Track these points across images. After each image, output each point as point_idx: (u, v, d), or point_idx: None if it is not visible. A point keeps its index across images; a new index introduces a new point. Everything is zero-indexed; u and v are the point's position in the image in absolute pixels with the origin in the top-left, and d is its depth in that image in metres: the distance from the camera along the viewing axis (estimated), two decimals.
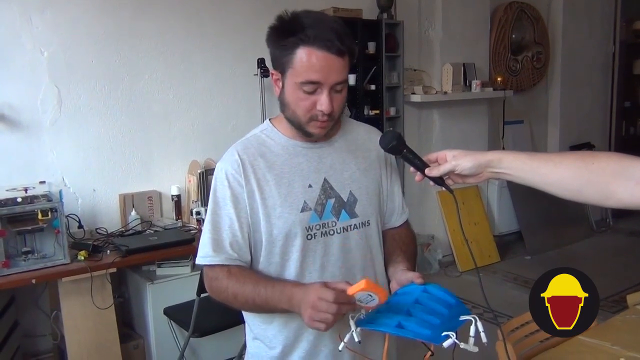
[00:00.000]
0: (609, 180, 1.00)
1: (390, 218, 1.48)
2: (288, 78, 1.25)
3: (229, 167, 1.32)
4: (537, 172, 1.08)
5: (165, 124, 3.42)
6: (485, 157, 1.12)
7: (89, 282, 2.63)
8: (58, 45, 3.04)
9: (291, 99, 1.27)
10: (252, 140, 1.37)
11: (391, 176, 1.46)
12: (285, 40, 1.23)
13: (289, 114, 1.30)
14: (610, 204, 1.02)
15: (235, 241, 1.31)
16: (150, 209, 3.34)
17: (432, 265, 4.54)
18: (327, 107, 1.24)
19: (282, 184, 1.31)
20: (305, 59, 1.20)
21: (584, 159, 1.05)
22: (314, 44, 1.20)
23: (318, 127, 1.29)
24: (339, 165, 1.37)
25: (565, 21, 5.50)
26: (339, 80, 1.24)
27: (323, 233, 1.33)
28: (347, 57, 1.25)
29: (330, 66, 1.21)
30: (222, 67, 3.60)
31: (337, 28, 1.23)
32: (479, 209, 4.88)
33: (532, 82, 5.39)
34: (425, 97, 4.36)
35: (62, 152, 3.09)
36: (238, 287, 1.27)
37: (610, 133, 6.23)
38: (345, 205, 1.35)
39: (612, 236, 5.61)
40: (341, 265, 1.35)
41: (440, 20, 4.52)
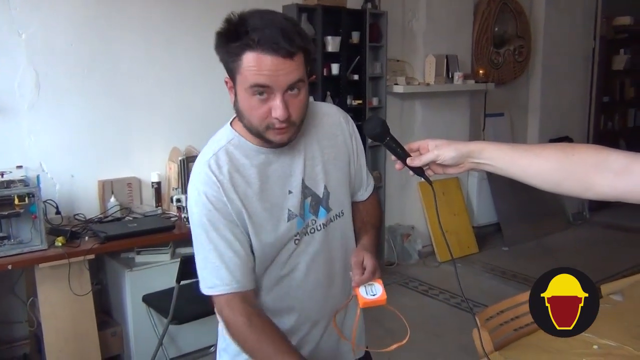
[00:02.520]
0: (588, 171, 1.01)
1: (357, 194, 1.46)
2: (238, 85, 1.18)
3: (208, 190, 1.23)
4: (518, 163, 1.09)
5: (146, 110, 3.38)
6: (467, 147, 1.12)
7: (67, 268, 2.60)
8: (37, 27, 2.98)
9: (245, 107, 1.19)
10: (223, 157, 1.27)
11: (357, 153, 1.42)
12: (230, 46, 1.15)
13: (246, 123, 1.22)
14: (590, 195, 1.03)
15: (242, 264, 1.24)
16: (129, 195, 3.30)
17: (412, 255, 4.58)
18: (282, 114, 1.15)
19: (263, 198, 1.27)
20: (251, 64, 1.12)
21: (564, 150, 1.06)
22: (259, 47, 1.11)
23: (277, 135, 1.20)
24: (310, 160, 1.33)
25: (547, 15, 5.55)
26: (291, 82, 1.15)
27: (306, 233, 1.32)
28: (300, 57, 1.16)
29: (279, 69, 1.13)
30: (206, 51, 3.48)
31: (285, 27, 1.14)
32: (459, 200, 4.93)
33: (513, 75, 5.43)
34: (407, 88, 4.37)
35: (40, 137, 3.04)
36: (257, 347, 1.20)
37: (588, 127, 6.32)
38: (321, 201, 1.33)
39: (588, 228, 5.71)
40: (324, 259, 1.35)
41: (424, 12, 4.52)
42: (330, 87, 3.99)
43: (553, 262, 4.61)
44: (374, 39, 4.12)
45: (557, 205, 5.61)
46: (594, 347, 1.57)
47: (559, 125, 5.88)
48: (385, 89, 4.26)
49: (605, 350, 1.55)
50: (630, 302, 1.88)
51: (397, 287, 4.15)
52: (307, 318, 1.37)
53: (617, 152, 1.01)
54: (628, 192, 0.98)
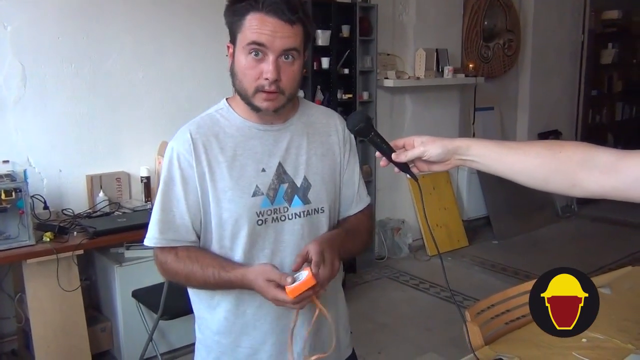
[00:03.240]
0: (575, 169, 1.01)
1: (347, 206, 1.45)
2: (238, 45, 1.24)
3: (180, 147, 1.29)
4: (504, 160, 1.08)
5: (134, 104, 3.35)
6: (454, 144, 1.11)
7: (55, 264, 2.58)
8: (23, 19, 2.94)
9: (239, 68, 1.24)
10: (206, 120, 1.33)
11: (349, 162, 1.43)
12: (236, 6, 1.24)
13: (238, 86, 1.27)
14: (576, 192, 1.03)
15: (182, 223, 1.29)
16: (118, 190, 3.28)
17: (402, 249, 4.59)
18: (272, 74, 1.20)
19: (234, 167, 1.28)
20: (253, 23, 1.20)
21: (551, 147, 1.06)
22: (263, 9, 1.19)
23: (265, 100, 1.24)
24: (294, 149, 1.34)
25: (536, 9, 5.56)
26: (287, 47, 1.21)
27: (274, 219, 1.30)
28: (300, 28, 1.22)
29: (277, 31, 1.19)
30: (194, 46, 3.53)
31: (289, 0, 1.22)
32: (449, 194, 4.94)
33: (503, 70, 5.45)
34: (398, 82, 4.37)
35: (27, 131, 3.01)
36: (188, 271, 1.27)
37: (577, 121, 6.35)
38: (298, 190, 1.32)
39: (577, 222, 5.75)
40: (291, 252, 1.32)
41: (414, 6, 4.52)
42: (320, 81, 3.98)
43: (542, 255, 4.65)
44: (364, 33, 4.11)
45: (546, 198, 5.65)
46: (582, 340, 1.57)
47: (548, 118, 5.92)
48: (375, 83, 4.26)
49: (594, 343, 1.56)
50: (618, 296, 1.89)
51: (387, 281, 4.16)
52: (264, 323, 1.35)
53: (604, 149, 1.01)
54: (615, 189, 0.98)
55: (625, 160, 0.96)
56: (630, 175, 0.95)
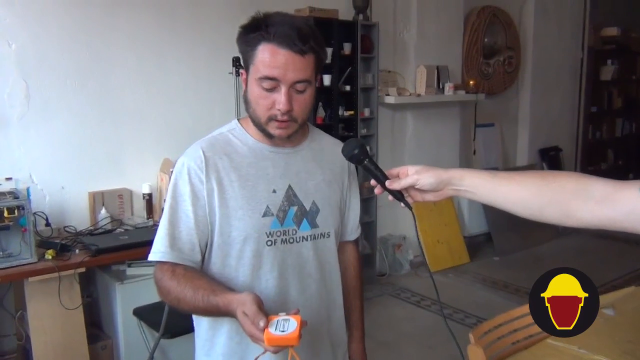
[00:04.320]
0: (569, 199, 1.01)
1: (346, 230, 1.49)
2: (250, 75, 1.26)
3: (192, 163, 1.29)
4: (498, 191, 1.09)
5: (137, 121, 3.36)
6: (448, 174, 1.11)
7: (57, 282, 2.57)
8: (27, 37, 2.96)
9: (252, 97, 1.26)
10: (219, 139, 1.34)
11: (351, 189, 1.47)
12: (249, 36, 1.24)
13: (251, 113, 1.29)
14: (571, 223, 1.03)
15: (189, 240, 1.28)
16: (120, 207, 3.28)
17: (403, 265, 4.58)
18: (285, 105, 1.22)
19: (246, 186, 1.29)
20: (265, 55, 1.21)
21: (544, 178, 1.06)
22: (275, 40, 1.20)
23: (278, 128, 1.26)
24: (304, 173, 1.36)
25: (536, 27, 5.61)
26: (299, 79, 1.22)
27: (283, 240, 1.31)
28: (311, 58, 1.24)
29: (289, 63, 1.20)
30: (197, 64, 3.55)
31: (302, 28, 1.23)
32: (450, 210, 4.94)
33: (503, 86, 5.47)
34: (399, 99, 4.39)
35: (30, 148, 3.02)
36: (179, 291, 1.22)
37: (577, 137, 6.38)
38: (307, 214, 1.34)
39: (577, 238, 5.74)
40: (297, 276, 1.33)
41: (415, 23, 4.55)
42: (322, 98, 3.99)
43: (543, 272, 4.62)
44: (365, 50, 4.14)
45: None
46: None
47: (548, 135, 5.94)
48: (376, 100, 4.28)
49: None
50: (622, 317, 1.89)
51: (389, 298, 4.15)
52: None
53: (598, 179, 1.01)
54: (610, 220, 0.98)
55: (621, 190, 0.96)
56: (626, 206, 0.95)
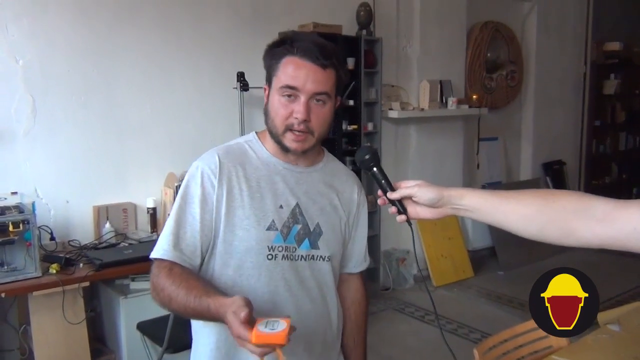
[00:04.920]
0: (570, 218, 1.01)
1: (349, 262, 1.49)
2: (273, 86, 1.30)
3: (206, 167, 1.31)
4: (498, 210, 1.09)
5: (141, 136, 3.38)
6: (448, 192, 1.12)
7: (61, 296, 2.57)
8: (34, 54, 2.99)
9: (272, 107, 1.30)
10: (235, 148, 1.37)
11: (359, 221, 1.48)
12: (274, 50, 1.30)
13: (269, 124, 1.32)
14: (572, 242, 1.03)
15: (192, 242, 1.29)
16: (124, 221, 3.29)
17: (407, 280, 4.57)
18: (302, 115, 1.25)
19: (254, 198, 1.31)
20: (288, 66, 1.27)
21: (544, 197, 1.06)
22: (298, 53, 1.26)
23: (294, 141, 1.29)
24: (313, 194, 1.37)
25: (538, 41, 5.64)
26: (318, 90, 1.26)
27: (284, 256, 1.31)
28: (332, 73, 1.28)
29: (310, 75, 1.26)
30: (201, 79, 3.58)
31: (325, 45, 1.29)
32: (454, 224, 4.93)
33: (506, 100, 5.49)
34: (402, 113, 4.41)
35: (36, 163, 3.04)
36: (173, 290, 1.21)
37: (581, 151, 6.38)
38: (310, 234, 1.35)
39: (582, 253, 5.65)
40: (294, 291, 1.33)
41: (418, 38, 4.58)
42: None
43: None
44: (369, 65, 4.16)
45: None
46: None
47: (551, 148, 5.94)
48: (380, 114, 4.29)
49: None
50: (628, 333, 1.88)
51: (393, 313, 4.13)
52: None
53: (599, 199, 1.01)
54: (611, 239, 0.97)
55: (622, 210, 0.96)
56: (628, 225, 0.94)
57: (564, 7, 5.86)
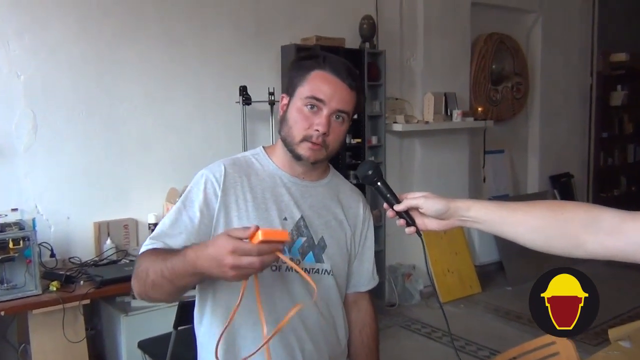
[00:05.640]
0: (578, 230, 1.01)
1: (357, 280, 1.50)
2: (296, 95, 1.33)
3: (211, 175, 1.33)
4: (505, 222, 1.09)
5: (143, 151, 3.39)
6: (455, 203, 1.12)
7: (61, 314, 2.57)
8: (35, 69, 3.02)
9: (291, 116, 1.32)
10: (242, 160, 1.40)
11: (366, 238, 1.49)
12: (303, 63, 1.35)
13: (285, 132, 1.34)
14: (580, 254, 1.02)
15: (183, 244, 1.25)
16: (126, 237, 3.29)
17: (414, 296, 4.54)
18: (323, 127, 1.29)
19: (259, 209, 1.32)
20: (316, 79, 1.32)
21: (552, 208, 1.06)
22: (328, 69, 1.32)
23: (309, 150, 1.31)
24: (317, 208, 1.39)
25: (543, 53, 5.65)
26: (342, 108, 1.31)
27: (288, 268, 1.31)
28: (355, 95, 1.34)
29: (337, 91, 1.30)
30: (203, 94, 3.60)
31: (351, 69, 1.35)
32: (460, 238, 4.91)
33: (512, 112, 5.49)
34: (406, 126, 4.42)
35: (36, 179, 3.05)
36: (151, 262, 1.17)
37: (589, 163, 6.36)
38: (314, 247, 1.36)
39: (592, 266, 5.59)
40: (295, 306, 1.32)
41: (422, 50, 4.60)
42: None
43: None
44: (372, 78, 4.18)
45: None
46: None
47: (559, 161, 5.93)
48: (384, 128, 4.30)
49: None
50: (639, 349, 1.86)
51: (398, 330, 4.10)
52: None
53: (607, 210, 1.01)
54: (620, 251, 0.97)
55: (631, 221, 0.96)
56: (636, 237, 0.94)
57: (569, 18, 5.88)
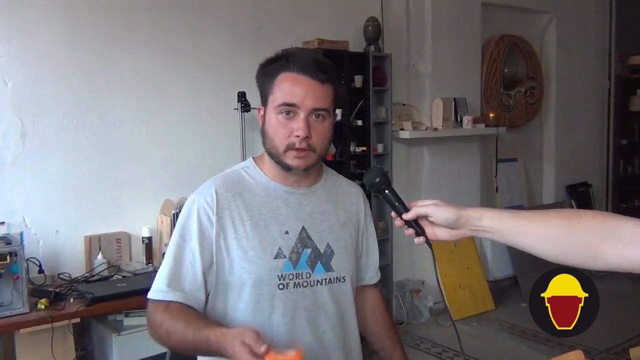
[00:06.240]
0: (596, 241, 1.01)
1: (365, 274, 1.53)
2: (269, 105, 1.32)
3: (202, 200, 1.34)
4: (519, 232, 1.09)
5: (136, 160, 3.41)
6: (466, 212, 1.13)
7: (50, 333, 2.56)
8: (23, 76, 3.04)
9: (270, 127, 1.32)
10: (232, 176, 1.40)
11: (368, 231, 1.52)
12: (268, 67, 1.34)
13: (268, 145, 1.34)
14: (599, 265, 1.03)
15: (194, 280, 1.30)
16: (118, 252, 3.29)
17: (423, 313, 4.52)
18: (303, 131, 1.28)
19: (257, 226, 1.33)
20: (284, 83, 1.30)
21: (569, 218, 1.06)
22: (294, 69, 1.30)
23: (296, 158, 1.31)
24: (318, 214, 1.40)
25: (558, 56, 5.67)
26: (317, 106, 1.30)
27: (296, 284, 1.33)
28: (330, 88, 1.32)
29: (308, 90, 1.29)
30: (199, 100, 3.62)
31: (321, 60, 1.33)
32: (472, 252, 4.90)
33: (526, 118, 5.50)
34: (414, 133, 4.43)
35: (24, 190, 3.06)
36: (171, 324, 1.24)
37: (607, 172, 6.35)
38: (321, 257, 1.37)
39: (612, 281, 5.62)
40: (312, 321, 1.35)
41: (430, 53, 4.62)
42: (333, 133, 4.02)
43: None
44: (377, 83, 4.19)
45: None
46: None
47: (576, 170, 5.93)
48: (390, 135, 4.31)
49: None
50: None
51: (408, 350, 4.03)
52: None
53: (626, 219, 1.01)
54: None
55: None
56: None
57: (585, 18, 5.90)
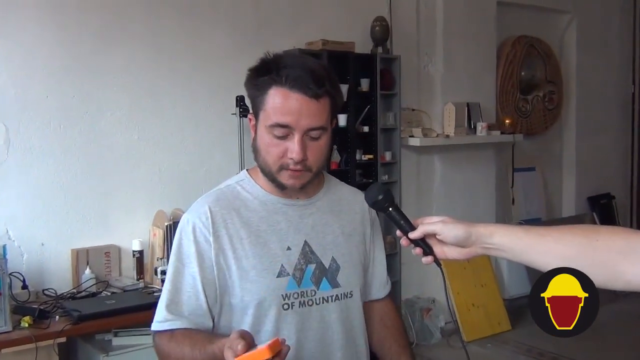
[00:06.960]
0: (616, 259, 1.01)
1: (371, 288, 1.51)
2: (260, 121, 1.30)
3: (197, 220, 1.33)
4: (534, 250, 1.09)
5: (128, 169, 3.42)
6: (476, 229, 1.12)
7: (33, 353, 2.56)
8: (7, 78, 3.06)
9: (262, 145, 1.31)
10: (226, 192, 1.39)
11: (375, 241, 1.50)
12: (258, 79, 1.29)
13: (261, 162, 1.33)
14: (620, 285, 1.03)
15: (198, 305, 1.31)
16: (107, 266, 3.30)
17: (434, 334, 4.50)
18: (298, 155, 1.26)
19: (257, 244, 1.32)
20: (276, 100, 1.26)
21: (586, 234, 1.06)
22: (287, 84, 1.25)
23: (290, 177, 1.30)
24: (320, 227, 1.39)
25: (579, 59, 5.68)
26: (313, 126, 1.27)
27: (301, 303, 1.33)
28: (327, 102, 1.28)
29: (303, 109, 1.25)
30: (195, 104, 3.63)
31: (316, 69, 1.28)
32: (487, 269, 4.89)
33: (544, 125, 5.50)
34: (424, 141, 4.43)
35: (8, 200, 3.07)
36: (178, 351, 1.27)
37: (632, 182, 6.34)
38: (327, 272, 1.36)
39: (637, 301, 5.63)
40: (319, 341, 1.35)
41: (442, 55, 4.64)
42: (337, 140, 4.02)
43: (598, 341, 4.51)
44: (385, 87, 4.20)
45: None
46: None
47: (597, 180, 5.92)
48: (399, 142, 4.32)
49: None
50: None
51: None
52: None
53: None
54: None
55: None
56: None
57: (607, 18, 5.92)
